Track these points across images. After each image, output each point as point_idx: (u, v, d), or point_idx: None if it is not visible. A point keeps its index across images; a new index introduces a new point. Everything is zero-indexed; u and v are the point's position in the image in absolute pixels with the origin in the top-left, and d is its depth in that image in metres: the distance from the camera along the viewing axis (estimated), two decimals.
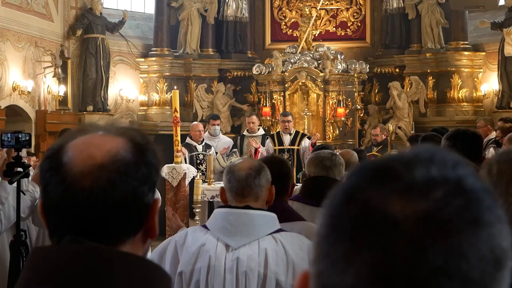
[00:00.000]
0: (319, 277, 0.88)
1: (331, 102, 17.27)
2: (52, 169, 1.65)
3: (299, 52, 17.67)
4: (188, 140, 13.79)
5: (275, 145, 13.82)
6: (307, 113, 16.57)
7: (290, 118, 14.19)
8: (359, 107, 17.10)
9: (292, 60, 17.49)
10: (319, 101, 17.32)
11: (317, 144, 12.07)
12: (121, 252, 1.62)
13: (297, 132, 14.27)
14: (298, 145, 13.83)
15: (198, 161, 13.56)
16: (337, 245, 0.85)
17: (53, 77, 16.53)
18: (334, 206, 0.90)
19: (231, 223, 3.83)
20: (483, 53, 17.84)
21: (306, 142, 13.83)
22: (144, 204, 1.67)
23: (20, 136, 6.73)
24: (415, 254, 0.81)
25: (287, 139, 14.00)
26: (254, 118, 14.78)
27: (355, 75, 16.99)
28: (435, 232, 0.82)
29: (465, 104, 17.67)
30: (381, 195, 0.85)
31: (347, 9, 19.49)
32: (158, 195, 1.81)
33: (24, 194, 7.52)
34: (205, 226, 3.96)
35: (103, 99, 17.81)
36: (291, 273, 3.78)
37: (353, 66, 17.34)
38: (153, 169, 1.68)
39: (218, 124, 14.49)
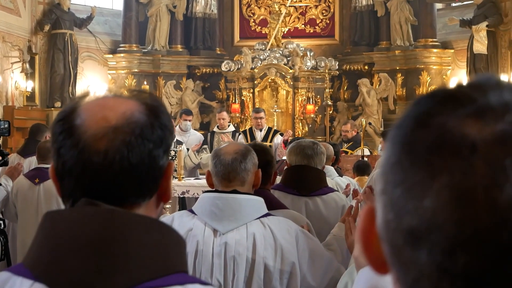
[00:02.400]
0: (392, 205, 0.86)
1: (300, 99, 17.32)
2: (65, 131, 1.61)
3: (269, 49, 17.67)
4: None
5: (247, 141, 13.76)
6: (277, 110, 16.57)
7: (262, 114, 14.14)
8: (329, 103, 17.14)
9: (261, 57, 17.49)
10: (289, 98, 17.36)
11: (289, 141, 12.03)
12: (138, 215, 1.61)
13: (269, 129, 14.23)
14: (271, 142, 13.78)
15: (170, 157, 13.47)
16: (412, 171, 0.84)
17: (20, 72, 16.37)
18: (404, 133, 0.87)
19: (218, 207, 3.77)
20: (452, 51, 17.98)
21: (278, 139, 13.79)
22: (159, 167, 1.64)
23: None
24: (495, 174, 0.81)
25: (259, 135, 13.95)
26: (225, 114, 14.68)
27: (326, 71, 17.03)
28: None
29: None
30: (456, 118, 0.84)
31: (316, 7, 19.55)
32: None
33: (1, 184, 7.44)
34: (191, 211, 3.89)
35: (71, 95, 17.66)
36: (279, 257, 3.74)
37: (323, 63, 17.37)
38: (167, 131, 1.66)
39: (190, 120, 14.41)
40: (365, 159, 11.71)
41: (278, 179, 5.82)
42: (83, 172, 1.59)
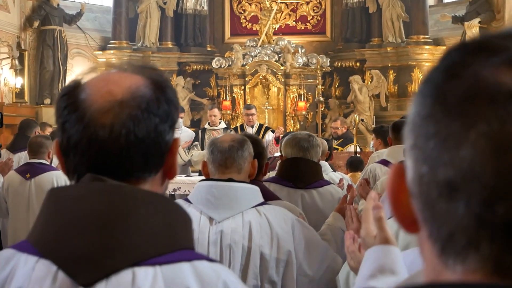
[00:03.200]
0: (426, 158, 0.85)
1: (291, 96, 17.25)
2: (69, 106, 1.61)
3: (260, 46, 17.59)
4: None
5: None
6: (268, 107, 16.51)
7: (253, 111, 14.06)
8: (321, 99, 17.09)
9: (252, 54, 17.42)
10: (280, 94, 17.30)
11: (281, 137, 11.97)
12: (144, 190, 1.61)
13: (260, 125, 14.15)
14: (262, 138, 13.70)
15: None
16: (447, 122, 0.83)
17: (10, 68, 16.29)
18: (435, 85, 0.86)
19: (214, 195, 3.77)
20: (444, 47, 17.92)
21: (269, 136, 13.72)
22: (165, 142, 1.63)
23: None
24: None
25: (250, 132, 13.86)
26: (216, 111, 14.60)
27: (318, 66, 16.98)
28: None
29: None
30: (489, 67, 0.83)
31: (307, 3, 19.53)
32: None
33: None
34: (187, 200, 3.87)
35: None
36: (275, 245, 3.74)
37: (314, 60, 17.31)
38: (173, 107, 1.65)
39: (181, 117, 14.35)
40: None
41: (270, 174, 5.80)
42: (88, 147, 1.58)
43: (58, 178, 7.31)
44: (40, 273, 1.53)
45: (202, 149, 13.48)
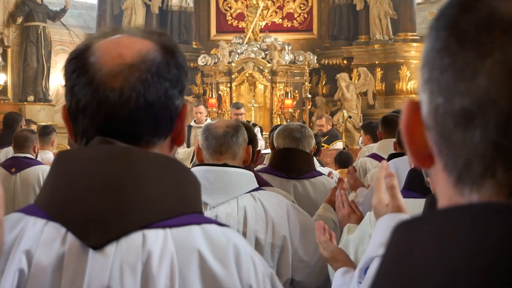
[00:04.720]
0: (441, 90, 0.87)
1: (278, 94, 17.20)
2: (79, 69, 1.60)
3: (246, 43, 17.53)
4: None
5: None
6: (254, 105, 16.46)
7: (242, 110, 13.95)
8: (309, 96, 17.04)
9: (238, 51, 17.38)
10: (266, 92, 17.26)
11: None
12: (154, 153, 1.60)
13: (247, 122, 14.08)
14: None
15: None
16: (462, 53, 0.85)
17: None
18: (449, 19, 0.88)
19: (209, 180, 3.72)
20: None
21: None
22: (175, 106, 1.63)
23: None
24: None
25: None
26: (202, 108, 14.53)
27: (306, 63, 16.94)
28: None
29: (414, 96, 17.72)
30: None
31: (294, 0, 19.48)
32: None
33: None
34: None
35: (44, 89, 17.50)
36: (270, 231, 3.72)
37: (301, 57, 17.27)
38: (183, 71, 1.65)
39: None
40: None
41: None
42: (98, 110, 1.58)
43: (44, 172, 7.19)
44: (49, 235, 1.53)
45: (188, 146, 13.39)
